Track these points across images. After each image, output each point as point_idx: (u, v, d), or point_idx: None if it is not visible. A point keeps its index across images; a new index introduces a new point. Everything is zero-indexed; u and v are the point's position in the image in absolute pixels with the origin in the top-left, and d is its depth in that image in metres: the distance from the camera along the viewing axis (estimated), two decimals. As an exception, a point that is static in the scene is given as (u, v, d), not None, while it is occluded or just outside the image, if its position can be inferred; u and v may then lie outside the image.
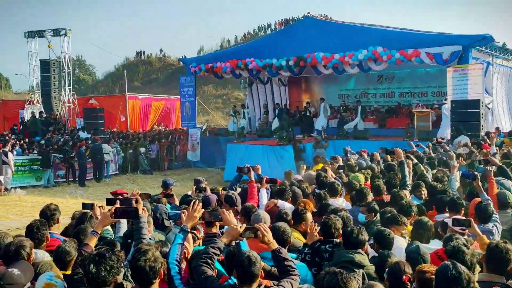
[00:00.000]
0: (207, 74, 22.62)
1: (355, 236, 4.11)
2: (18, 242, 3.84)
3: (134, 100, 28.49)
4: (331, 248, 4.33)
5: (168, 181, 7.88)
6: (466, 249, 3.60)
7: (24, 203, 14.64)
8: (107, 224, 4.29)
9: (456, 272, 2.81)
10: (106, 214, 4.08)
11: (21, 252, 3.75)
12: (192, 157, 22.32)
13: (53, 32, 25.63)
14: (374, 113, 22.36)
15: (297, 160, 17.03)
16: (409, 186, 7.10)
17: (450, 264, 2.87)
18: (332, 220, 4.50)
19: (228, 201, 5.93)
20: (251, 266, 3.27)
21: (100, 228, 4.05)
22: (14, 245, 3.80)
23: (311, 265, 4.28)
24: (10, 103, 30.96)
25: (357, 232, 4.14)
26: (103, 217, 4.09)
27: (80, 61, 72.97)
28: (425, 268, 3.25)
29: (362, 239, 4.14)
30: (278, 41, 20.71)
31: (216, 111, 41.68)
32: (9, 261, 3.70)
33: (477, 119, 14.69)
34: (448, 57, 15.82)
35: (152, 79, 56.97)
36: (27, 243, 3.87)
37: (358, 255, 4.01)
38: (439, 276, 2.89)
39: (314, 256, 4.37)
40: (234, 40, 57.51)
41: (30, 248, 3.86)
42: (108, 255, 3.14)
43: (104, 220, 4.08)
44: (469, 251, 3.60)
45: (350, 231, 4.19)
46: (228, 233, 3.86)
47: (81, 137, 20.89)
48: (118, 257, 3.20)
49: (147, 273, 3.15)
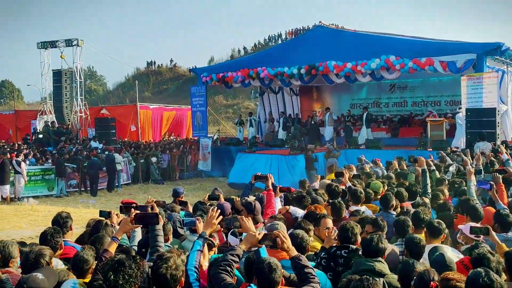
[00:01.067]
0: (218, 83, 22.61)
1: (375, 244, 4.02)
2: (38, 250, 3.79)
3: (145, 110, 28.57)
4: (347, 254, 4.27)
5: (178, 189, 7.84)
6: (491, 256, 3.52)
7: (36, 212, 14.69)
8: (128, 230, 4.27)
9: (489, 280, 2.72)
10: (126, 220, 4.06)
11: (41, 261, 3.70)
12: (203, 166, 22.26)
13: (66, 43, 25.90)
14: (386, 122, 22.23)
15: (309, 169, 16.94)
16: (429, 194, 7.05)
17: (483, 271, 2.77)
18: (350, 224, 4.42)
19: (247, 208, 5.81)
20: (272, 273, 3.21)
21: (121, 234, 4.06)
22: (33, 253, 3.75)
23: (326, 270, 4.23)
24: (22, 113, 31.24)
25: (377, 240, 4.05)
26: (123, 223, 4.07)
27: (91, 71, 73.51)
28: (450, 275, 3.15)
29: (382, 247, 4.04)
30: (290, 50, 20.64)
31: (227, 121, 41.69)
32: (28, 270, 3.63)
33: (493, 128, 14.51)
34: (462, 65, 15.67)
35: (162, 90, 57.19)
36: (47, 251, 3.83)
37: (379, 264, 3.92)
38: (471, 283, 2.79)
39: (329, 261, 4.31)
40: (244, 50, 57.63)
41: (50, 257, 3.82)
42: (128, 264, 3.06)
43: (124, 226, 4.07)
44: (495, 259, 3.52)
45: (370, 239, 4.10)
46: (246, 240, 3.78)
47: (93, 146, 20.94)
48: (138, 265, 3.11)
49: (168, 281, 3.10)
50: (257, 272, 3.32)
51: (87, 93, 27.05)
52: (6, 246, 4.00)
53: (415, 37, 19.40)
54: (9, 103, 55.59)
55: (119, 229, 4.07)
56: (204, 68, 24.57)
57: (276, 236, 3.72)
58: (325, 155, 17.68)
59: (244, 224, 4.04)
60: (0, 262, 3.94)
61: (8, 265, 3.95)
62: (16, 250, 4.08)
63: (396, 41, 18.33)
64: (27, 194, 16.96)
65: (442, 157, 11.47)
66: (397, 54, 16.83)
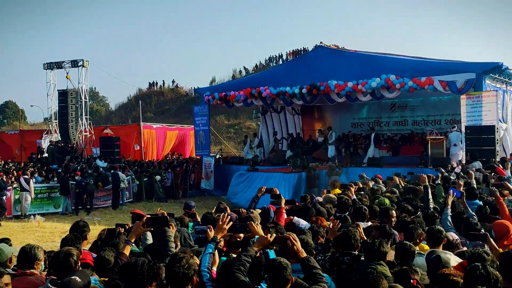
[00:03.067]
0: (220, 102, 22.85)
1: (377, 247, 4.24)
2: (67, 250, 4.00)
3: (149, 130, 28.83)
4: (349, 261, 4.47)
5: (190, 203, 8.14)
6: (486, 256, 3.72)
7: (43, 229, 14.85)
8: (140, 233, 4.47)
9: (485, 272, 2.93)
10: (138, 223, 4.27)
11: (70, 260, 3.89)
12: (206, 185, 22.45)
13: (71, 63, 26.28)
14: (387, 141, 22.45)
15: (310, 187, 17.13)
16: (431, 209, 7.21)
17: (480, 264, 2.99)
18: (351, 232, 4.62)
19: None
20: (283, 271, 3.40)
21: (134, 238, 4.25)
22: (62, 253, 3.96)
23: (330, 272, 4.40)
24: (27, 133, 31.54)
25: (379, 244, 4.28)
26: (136, 227, 4.28)
27: (94, 92, 74.05)
28: (446, 271, 3.36)
29: (384, 250, 4.27)
30: (291, 70, 20.96)
31: (229, 141, 41.94)
32: (57, 268, 3.86)
33: (492, 145, 14.72)
34: (463, 85, 15.92)
35: (164, 110, 57.55)
36: (75, 252, 4.02)
37: (380, 267, 4.11)
38: (469, 276, 3.00)
39: (333, 266, 4.53)
40: (245, 71, 58.14)
41: (77, 257, 4.01)
42: (143, 266, 3.28)
43: (137, 229, 4.28)
44: (489, 258, 3.72)
45: (372, 243, 4.33)
46: (259, 241, 3.98)
47: (98, 165, 21.18)
48: (153, 267, 3.33)
49: (181, 279, 3.31)
50: (268, 271, 3.51)
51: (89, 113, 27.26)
52: (32, 248, 4.23)
53: (414, 56, 19.73)
54: (13, 124, 55.96)
55: (132, 233, 4.27)
56: (207, 87, 24.94)
57: (287, 239, 3.94)
58: (327, 173, 17.88)
59: (254, 229, 4.24)
60: (26, 263, 4.15)
61: (33, 267, 4.16)
62: (41, 253, 4.30)
63: (396, 60, 18.65)
64: (34, 211, 17.17)
65: (442, 173, 11.67)
66: (397, 73, 17.13)
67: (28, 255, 4.17)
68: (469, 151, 14.98)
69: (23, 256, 4.19)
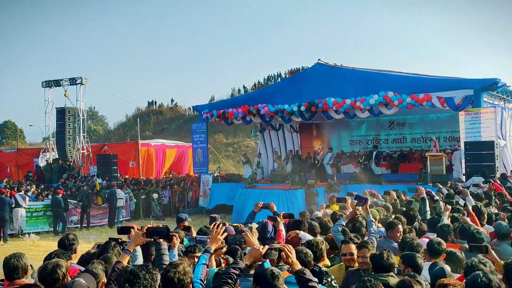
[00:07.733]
0: (218, 119, 22.77)
1: (386, 259, 4.23)
2: (55, 261, 3.89)
3: (147, 147, 28.72)
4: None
5: (181, 215, 8.04)
6: (484, 267, 3.64)
7: (38, 247, 14.69)
8: (139, 243, 4.34)
9: (487, 279, 2.82)
10: (138, 233, 4.17)
11: (57, 271, 3.77)
12: (204, 203, 22.24)
13: (70, 81, 26.29)
14: (386, 158, 22.38)
15: (309, 204, 17.01)
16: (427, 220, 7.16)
17: (481, 273, 2.89)
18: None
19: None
20: (275, 280, 3.26)
21: (132, 247, 4.17)
22: (51, 264, 3.84)
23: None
24: (24, 151, 31.48)
25: (387, 255, 4.27)
26: (135, 237, 4.18)
27: (92, 112, 74.02)
28: (446, 281, 3.28)
29: (392, 262, 4.26)
30: (289, 88, 20.90)
31: (227, 160, 41.83)
32: (45, 281, 3.74)
33: (492, 161, 14.64)
34: (461, 101, 15.88)
35: (163, 129, 57.55)
36: (63, 263, 3.91)
37: (392, 278, 4.08)
38: (470, 285, 2.89)
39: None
40: (244, 89, 58.27)
41: (66, 269, 3.90)
42: (143, 275, 3.17)
43: (136, 239, 4.17)
44: (487, 269, 3.63)
45: (380, 255, 4.28)
46: (250, 254, 3.82)
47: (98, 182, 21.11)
48: (152, 276, 3.22)
49: (175, 285, 3.19)
50: (259, 280, 3.37)
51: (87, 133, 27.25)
52: (21, 257, 4.12)
53: (412, 73, 19.77)
54: (11, 143, 55.84)
55: (131, 242, 4.17)
56: (206, 105, 24.82)
57: (282, 250, 3.80)
58: (326, 190, 17.83)
59: (249, 239, 4.11)
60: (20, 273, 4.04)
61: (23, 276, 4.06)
62: (28, 260, 4.19)
63: (394, 77, 18.63)
64: (29, 230, 16.97)
65: (440, 189, 11.58)
66: (395, 90, 17.11)
67: (21, 265, 4.08)
68: (469, 167, 14.91)
69: (9, 267, 4.07)
